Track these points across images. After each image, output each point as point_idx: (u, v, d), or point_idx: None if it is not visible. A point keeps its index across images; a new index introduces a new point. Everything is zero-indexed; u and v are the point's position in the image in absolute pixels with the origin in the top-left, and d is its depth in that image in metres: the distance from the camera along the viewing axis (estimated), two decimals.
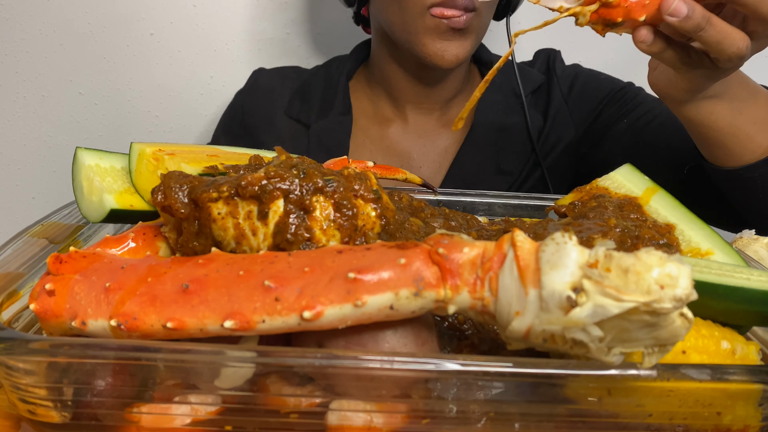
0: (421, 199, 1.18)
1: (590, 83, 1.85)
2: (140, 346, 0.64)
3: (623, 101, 1.76)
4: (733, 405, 0.68)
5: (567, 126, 1.83)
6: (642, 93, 1.78)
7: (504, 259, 0.63)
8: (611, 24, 0.98)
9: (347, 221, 0.77)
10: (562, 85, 1.86)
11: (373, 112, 1.89)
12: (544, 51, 1.95)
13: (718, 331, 0.77)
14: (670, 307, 0.56)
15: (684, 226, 0.96)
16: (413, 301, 0.64)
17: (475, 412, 0.67)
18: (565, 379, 0.65)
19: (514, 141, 1.81)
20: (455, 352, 0.78)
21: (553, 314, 0.59)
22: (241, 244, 0.77)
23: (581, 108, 1.83)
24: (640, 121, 1.70)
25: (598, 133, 1.79)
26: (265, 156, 1.00)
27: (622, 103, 1.76)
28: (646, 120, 1.69)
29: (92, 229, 1.06)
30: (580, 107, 1.83)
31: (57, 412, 0.68)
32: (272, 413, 0.68)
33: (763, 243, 1.14)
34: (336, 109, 1.84)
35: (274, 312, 0.64)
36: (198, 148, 1.09)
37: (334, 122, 1.83)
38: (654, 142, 1.64)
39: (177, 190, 0.79)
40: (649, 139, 1.66)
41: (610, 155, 1.72)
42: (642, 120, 1.69)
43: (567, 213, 1.06)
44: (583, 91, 1.85)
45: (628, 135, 1.70)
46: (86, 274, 0.71)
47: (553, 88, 1.86)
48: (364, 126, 1.87)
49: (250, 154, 1.06)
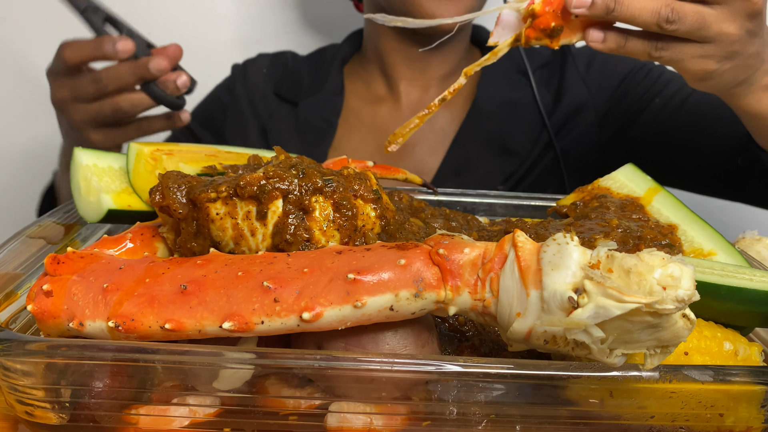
0: (422, 199, 1.18)
1: (610, 61, 1.78)
2: (138, 347, 0.64)
3: (649, 78, 1.69)
4: (736, 406, 0.68)
5: (586, 107, 1.75)
6: (667, 71, 1.70)
7: (505, 259, 0.63)
8: (552, 32, 0.98)
9: (347, 221, 0.77)
10: (579, 63, 1.79)
11: (365, 92, 1.84)
12: None
13: (721, 332, 0.77)
14: (673, 308, 0.56)
15: (686, 226, 0.96)
16: (413, 302, 0.64)
17: (476, 414, 0.67)
18: (567, 380, 0.64)
19: (520, 117, 1.74)
20: (456, 353, 0.77)
21: (554, 315, 0.59)
22: (240, 244, 0.77)
23: (602, 87, 1.76)
24: (675, 99, 1.62)
25: (627, 117, 1.70)
26: (264, 156, 1.00)
27: (649, 82, 1.69)
28: (681, 97, 1.61)
29: (90, 229, 1.05)
30: (602, 86, 1.76)
31: (55, 414, 0.68)
32: (271, 415, 0.67)
33: (766, 243, 1.13)
34: (327, 88, 1.80)
35: (273, 313, 0.63)
36: (196, 148, 1.09)
37: (324, 100, 1.79)
38: (693, 124, 1.57)
39: (175, 190, 0.79)
40: (687, 120, 1.59)
41: (642, 141, 1.67)
42: (677, 98, 1.62)
43: (569, 213, 1.06)
44: (603, 69, 1.78)
45: (664, 116, 1.63)
46: (84, 274, 0.70)
47: (567, 66, 1.79)
48: (355, 107, 1.82)
49: (249, 154, 1.05)
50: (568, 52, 1.81)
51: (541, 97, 1.75)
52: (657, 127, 1.64)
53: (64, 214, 1.06)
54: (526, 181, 1.71)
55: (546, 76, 1.80)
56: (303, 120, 1.78)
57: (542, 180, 1.72)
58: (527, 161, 1.72)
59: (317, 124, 1.77)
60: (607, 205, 1.00)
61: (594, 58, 1.80)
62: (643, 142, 1.67)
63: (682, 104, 1.61)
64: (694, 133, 1.57)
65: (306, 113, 1.79)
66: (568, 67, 1.78)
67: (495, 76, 1.76)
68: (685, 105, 1.60)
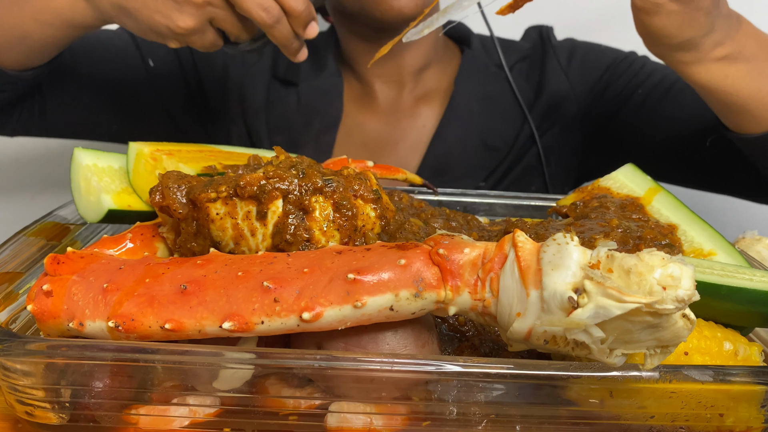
0: (422, 199, 1.18)
1: (592, 53, 1.77)
2: (138, 347, 0.64)
3: (631, 70, 1.69)
4: (736, 406, 0.68)
5: (568, 99, 1.74)
6: (650, 61, 1.70)
7: (505, 259, 0.63)
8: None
9: (347, 222, 0.77)
10: (560, 56, 1.78)
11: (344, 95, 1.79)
12: (535, 27, 1.87)
13: (721, 332, 0.77)
14: (673, 308, 0.56)
15: (686, 226, 0.96)
16: (413, 302, 0.64)
17: (475, 414, 0.67)
18: (567, 380, 0.64)
19: (500, 111, 1.74)
20: (456, 353, 0.78)
21: (554, 315, 0.59)
22: (240, 244, 0.77)
23: (584, 79, 1.75)
24: (658, 90, 1.62)
25: (610, 109, 1.70)
26: (263, 156, 1.00)
27: (631, 73, 1.69)
28: (663, 88, 1.61)
29: (90, 229, 1.05)
30: (583, 78, 1.75)
31: (55, 414, 0.68)
32: (271, 415, 0.67)
33: (766, 243, 1.13)
34: (329, 69, 1.76)
35: (273, 313, 0.63)
36: (196, 148, 1.09)
37: (327, 83, 1.75)
38: (675, 112, 1.58)
39: (175, 190, 0.79)
40: (669, 109, 1.59)
41: (626, 132, 1.67)
42: (659, 89, 1.62)
43: (569, 213, 1.06)
44: (584, 61, 1.77)
45: (647, 106, 1.63)
46: (84, 274, 0.70)
47: (548, 60, 1.77)
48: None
49: (249, 154, 1.05)
50: (548, 45, 1.80)
51: (521, 90, 1.74)
52: (640, 118, 1.64)
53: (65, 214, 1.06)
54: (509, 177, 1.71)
55: (526, 69, 1.80)
56: (305, 102, 1.75)
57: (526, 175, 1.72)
58: (509, 156, 1.71)
59: (320, 106, 1.74)
60: (607, 205, 1.00)
61: (575, 50, 1.79)
62: (627, 134, 1.67)
63: (664, 95, 1.61)
64: (677, 122, 1.57)
65: (308, 96, 1.75)
66: (549, 60, 1.77)
67: (472, 71, 1.75)
68: (667, 95, 1.60)
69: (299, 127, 1.74)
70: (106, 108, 1.69)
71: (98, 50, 1.65)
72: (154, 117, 1.76)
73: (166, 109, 1.79)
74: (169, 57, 1.77)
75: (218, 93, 1.81)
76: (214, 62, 1.80)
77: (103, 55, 1.66)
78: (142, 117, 1.77)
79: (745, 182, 1.48)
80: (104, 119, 1.70)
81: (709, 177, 1.57)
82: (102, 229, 1.07)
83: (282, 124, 1.75)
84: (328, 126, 1.73)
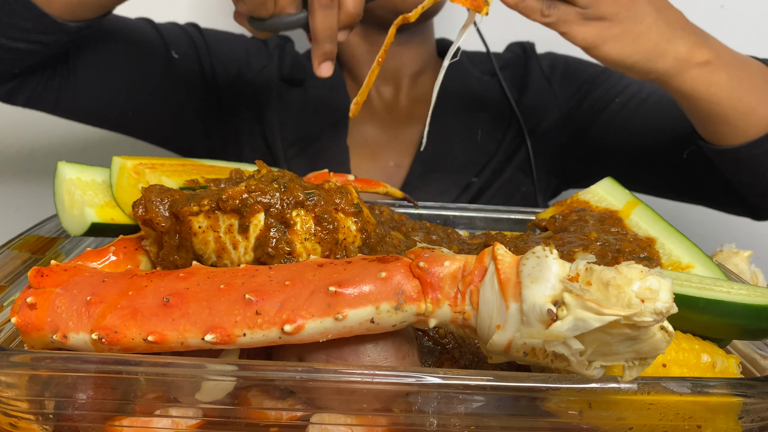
0: (402, 212, 1.19)
1: (572, 64, 1.81)
2: (121, 359, 0.64)
3: (610, 81, 1.71)
4: (714, 418, 0.68)
5: (550, 105, 1.77)
6: None
7: (485, 272, 0.63)
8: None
9: (328, 235, 0.77)
10: (543, 65, 1.81)
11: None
12: (516, 42, 1.90)
13: (699, 344, 0.77)
14: (651, 320, 0.57)
15: (665, 239, 0.96)
16: (394, 314, 0.64)
17: (456, 425, 0.67)
18: (546, 392, 0.65)
19: (487, 104, 1.76)
20: (436, 365, 0.78)
21: (533, 328, 0.59)
22: (222, 257, 0.77)
23: (565, 87, 1.78)
24: (634, 99, 1.64)
25: (588, 117, 1.73)
26: (246, 169, 1.00)
27: (609, 84, 1.71)
28: (640, 98, 1.64)
29: (73, 242, 1.06)
30: (564, 86, 1.78)
31: (39, 426, 0.68)
32: (253, 426, 0.68)
33: (743, 257, 1.14)
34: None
35: (255, 325, 0.64)
36: (179, 161, 1.09)
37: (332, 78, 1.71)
38: (651, 122, 1.60)
39: (158, 203, 0.79)
40: (645, 119, 1.61)
41: (603, 141, 1.69)
42: (636, 98, 1.64)
43: (548, 227, 1.06)
44: (565, 71, 1.80)
45: (623, 115, 1.65)
46: (67, 287, 0.71)
47: (531, 67, 1.81)
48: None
49: (231, 168, 1.06)
50: (531, 55, 1.83)
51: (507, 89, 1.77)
52: (616, 127, 1.66)
53: (49, 227, 1.06)
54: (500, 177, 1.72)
55: (510, 77, 1.82)
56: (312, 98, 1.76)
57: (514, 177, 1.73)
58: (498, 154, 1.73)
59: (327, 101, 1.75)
60: (586, 219, 1.01)
61: (557, 60, 1.83)
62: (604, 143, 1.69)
63: (641, 104, 1.63)
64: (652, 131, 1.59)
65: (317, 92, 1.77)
66: (532, 67, 1.81)
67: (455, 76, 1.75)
68: (644, 105, 1.62)
69: (310, 121, 1.76)
70: (123, 92, 1.67)
71: (124, 32, 1.65)
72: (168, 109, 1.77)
73: (181, 102, 1.79)
74: (190, 51, 1.78)
75: (231, 92, 1.82)
76: (229, 62, 1.82)
77: (128, 37, 1.66)
78: (157, 108, 1.77)
79: (716, 193, 1.50)
80: (120, 101, 1.69)
81: (683, 186, 1.59)
82: (85, 243, 1.07)
83: (293, 118, 1.77)
84: (338, 119, 1.74)
